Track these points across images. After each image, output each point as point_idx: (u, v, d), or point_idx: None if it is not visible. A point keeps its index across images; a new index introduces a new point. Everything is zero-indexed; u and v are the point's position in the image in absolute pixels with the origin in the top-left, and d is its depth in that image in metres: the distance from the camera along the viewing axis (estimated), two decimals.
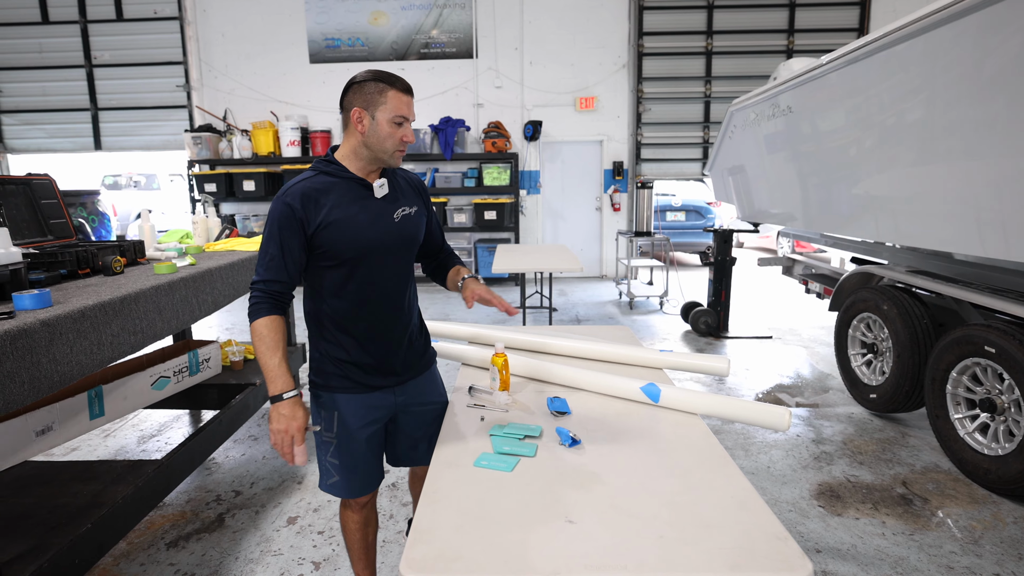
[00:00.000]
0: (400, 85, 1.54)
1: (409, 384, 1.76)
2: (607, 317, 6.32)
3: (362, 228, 1.56)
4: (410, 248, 1.70)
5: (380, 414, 1.72)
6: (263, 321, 1.52)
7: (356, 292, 1.61)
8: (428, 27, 8.18)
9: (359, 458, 1.70)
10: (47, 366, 1.67)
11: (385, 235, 1.61)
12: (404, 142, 1.56)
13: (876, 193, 3.30)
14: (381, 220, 1.60)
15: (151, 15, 8.05)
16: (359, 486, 1.74)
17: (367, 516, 1.85)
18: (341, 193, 1.56)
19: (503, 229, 8.08)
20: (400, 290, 1.69)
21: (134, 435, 3.48)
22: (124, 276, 2.41)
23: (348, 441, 1.67)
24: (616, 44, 8.24)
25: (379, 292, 1.63)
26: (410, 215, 1.67)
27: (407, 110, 1.54)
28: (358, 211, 1.57)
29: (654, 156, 8.58)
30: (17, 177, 2.58)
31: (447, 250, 1.96)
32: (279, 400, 1.50)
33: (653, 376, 2.11)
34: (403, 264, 1.68)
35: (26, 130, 8.47)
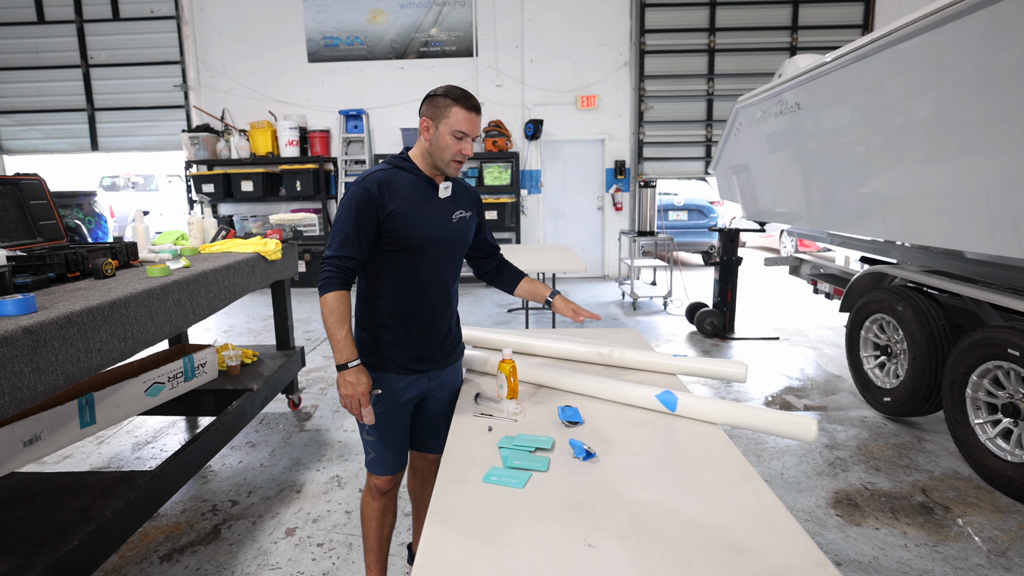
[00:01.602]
0: (465, 103, 1.66)
1: (441, 372, 1.89)
2: (611, 318, 6.23)
3: (426, 221, 1.73)
4: (462, 247, 1.87)
5: (413, 396, 1.85)
6: (334, 295, 1.66)
7: (412, 277, 1.76)
8: (428, 25, 8.09)
9: (394, 436, 1.85)
10: (30, 376, 1.58)
11: (444, 231, 1.77)
12: (462, 154, 1.69)
13: (884, 191, 3.21)
14: (442, 217, 1.77)
15: (148, 14, 7.95)
16: (392, 464, 1.87)
17: (386, 506, 1.93)
18: (412, 187, 1.73)
19: (504, 229, 7.99)
20: (449, 283, 1.84)
21: (129, 442, 3.39)
22: (115, 279, 2.31)
23: (385, 419, 1.82)
24: (618, 42, 8.15)
25: (431, 281, 1.79)
26: (465, 218, 1.84)
27: (468, 127, 1.67)
28: (424, 206, 1.73)
29: (656, 155, 8.49)
30: (5, 177, 2.49)
31: (502, 257, 2.11)
32: (344, 368, 1.65)
33: (667, 383, 2.02)
34: (455, 260, 1.86)
35: (22, 131, 8.37)
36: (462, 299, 7.29)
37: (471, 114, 1.66)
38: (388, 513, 1.95)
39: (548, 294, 2.07)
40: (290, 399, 3.78)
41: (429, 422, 1.95)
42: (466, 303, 7.04)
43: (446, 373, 1.92)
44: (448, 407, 1.91)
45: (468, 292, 7.75)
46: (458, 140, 1.67)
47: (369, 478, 1.92)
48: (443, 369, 1.90)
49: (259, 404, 3.09)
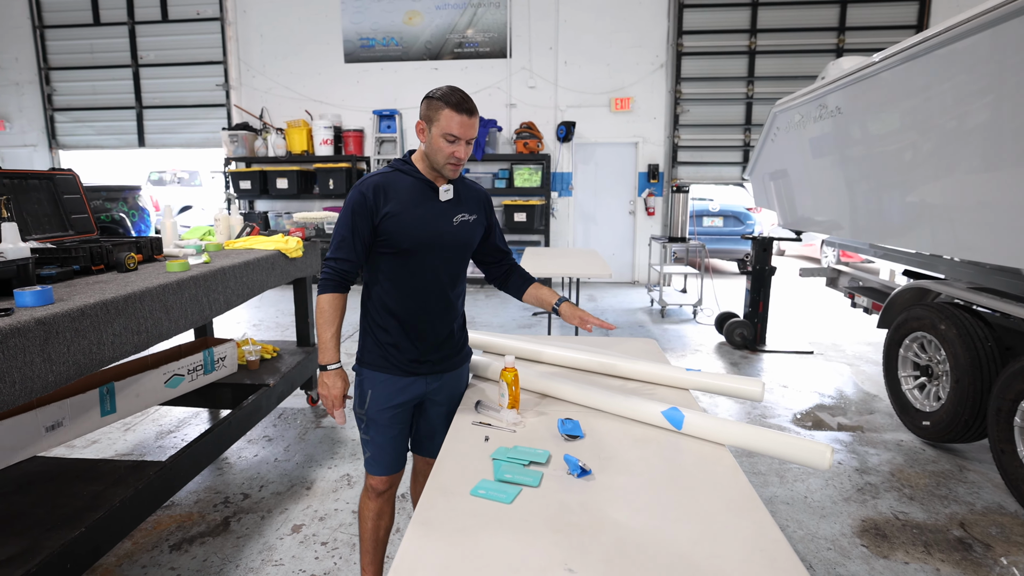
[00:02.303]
0: (457, 107, 1.62)
1: (440, 376, 1.87)
2: (637, 325, 6.12)
3: (420, 224, 1.71)
4: (463, 251, 1.84)
5: (409, 398, 1.83)
6: (326, 297, 1.73)
7: (409, 280, 1.76)
8: (462, 26, 8.11)
9: (386, 436, 1.84)
10: (41, 366, 1.62)
11: (442, 234, 1.75)
12: (455, 157, 1.67)
13: (934, 201, 3.03)
14: (440, 220, 1.75)
15: (194, 16, 8.22)
16: (386, 464, 1.86)
17: (382, 507, 1.93)
18: (410, 190, 1.73)
19: (533, 231, 7.95)
20: (448, 287, 1.81)
21: (153, 430, 3.48)
22: (137, 273, 2.36)
23: (377, 418, 1.82)
24: (654, 43, 8.01)
25: (428, 284, 1.77)
26: (468, 222, 1.81)
27: (459, 130, 1.63)
28: (420, 208, 1.72)
29: (691, 159, 8.31)
30: (40, 172, 2.58)
31: (512, 261, 2.06)
32: (324, 370, 1.73)
33: (678, 398, 1.95)
34: (455, 264, 1.82)
35: (76, 127, 8.76)
36: (488, 301, 7.28)
37: (462, 117, 1.62)
38: (384, 515, 1.94)
39: (555, 301, 2.03)
40: (309, 395, 3.83)
41: (429, 426, 1.94)
42: (492, 306, 7.03)
43: (447, 378, 1.90)
44: (449, 412, 1.89)
45: (495, 295, 7.73)
46: (450, 143, 1.64)
47: (367, 478, 1.91)
48: (443, 373, 1.88)
49: (275, 399, 3.13)
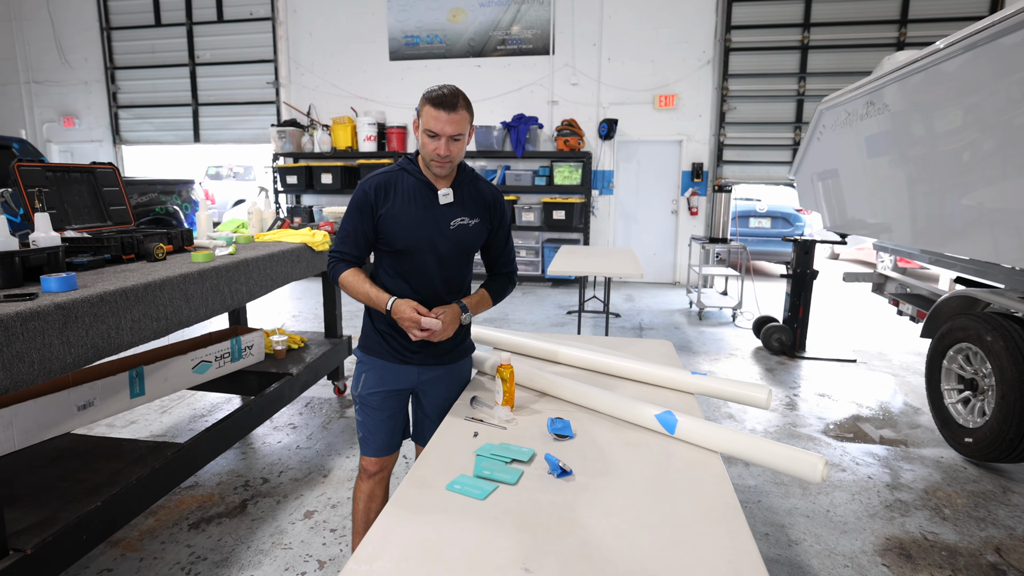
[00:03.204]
0: (435, 102, 1.62)
1: (435, 368, 1.89)
2: (672, 327, 5.98)
3: (415, 226, 1.73)
4: (460, 255, 1.82)
5: (401, 385, 1.87)
6: (345, 274, 1.79)
7: (405, 278, 1.79)
8: (506, 23, 8.12)
9: (376, 419, 1.88)
10: (59, 348, 1.72)
11: (435, 238, 1.75)
12: (437, 154, 1.66)
13: (996, 205, 2.81)
14: (436, 224, 1.75)
15: (247, 16, 8.55)
16: (375, 446, 1.91)
17: (373, 489, 1.96)
18: (410, 191, 1.75)
19: (572, 230, 7.89)
20: (442, 290, 1.81)
21: (188, 413, 3.65)
22: (164, 263, 2.48)
23: (368, 400, 1.87)
24: (701, 39, 7.80)
25: (424, 284, 1.79)
26: (467, 226, 1.79)
27: (435, 125, 1.62)
28: (417, 210, 1.74)
29: (738, 158, 8.05)
30: (81, 166, 2.73)
31: (500, 271, 1.98)
32: (389, 310, 1.71)
33: (682, 403, 1.89)
34: (451, 268, 1.81)
35: (137, 124, 9.28)
36: (524, 299, 7.27)
37: (439, 112, 1.60)
38: (376, 497, 1.96)
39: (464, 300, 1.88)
40: (335, 385, 3.92)
41: (425, 416, 1.97)
42: (527, 303, 7.02)
43: (443, 371, 1.91)
44: (446, 405, 1.90)
45: (531, 292, 7.72)
46: (431, 139, 1.64)
47: (360, 459, 1.96)
48: (437, 365, 1.89)
49: (298, 388, 3.22)
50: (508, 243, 1.96)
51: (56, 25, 9.12)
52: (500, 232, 1.91)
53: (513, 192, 8.08)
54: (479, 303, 1.88)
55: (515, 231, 8.10)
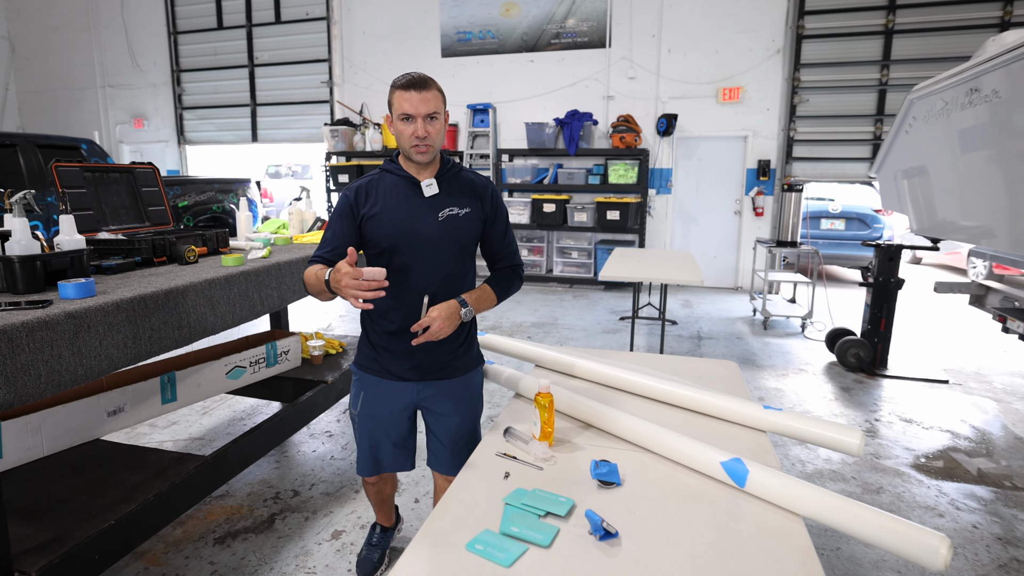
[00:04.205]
0: (403, 84, 1.59)
1: (435, 384, 1.78)
2: (734, 337, 5.58)
3: (400, 221, 1.67)
4: (452, 247, 1.71)
5: (399, 404, 1.79)
6: (310, 269, 1.67)
7: (397, 281, 1.67)
8: (560, 16, 7.85)
9: (372, 439, 1.83)
10: (69, 360, 1.61)
11: (422, 230, 1.67)
12: (416, 137, 1.60)
13: None
14: (423, 217, 1.68)
15: (303, 16, 8.65)
16: (368, 465, 1.87)
17: (380, 487, 2.06)
18: (392, 189, 1.70)
19: (627, 231, 7.55)
20: (438, 286, 1.70)
21: (227, 415, 3.60)
22: (194, 266, 2.38)
23: (365, 420, 1.82)
24: (770, 27, 7.29)
25: (415, 284, 1.69)
26: (457, 215, 1.70)
27: (408, 106, 1.57)
28: (400, 206, 1.68)
29: (809, 154, 7.49)
30: (120, 166, 2.68)
31: (504, 264, 1.86)
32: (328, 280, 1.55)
33: (752, 442, 1.61)
34: (444, 261, 1.70)
35: (200, 124, 9.58)
36: (575, 303, 7.00)
37: (409, 92, 1.56)
38: (384, 490, 2.08)
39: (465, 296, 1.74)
40: None
41: (432, 438, 1.86)
42: (578, 307, 6.75)
43: (446, 386, 1.80)
44: (460, 424, 1.82)
45: (582, 295, 7.44)
46: (407, 123, 1.59)
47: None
48: (437, 381, 1.78)
49: (333, 397, 3.09)
50: (508, 234, 1.84)
51: (129, 31, 9.52)
52: (497, 222, 1.80)
53: (565, 191, 7.82)
54: (480, 298, 1.74)
55: (566, 231, 7.84)
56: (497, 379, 2.10)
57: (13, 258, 1.76)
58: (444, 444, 1.82)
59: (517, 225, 7.97)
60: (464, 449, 1.79)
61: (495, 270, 1.86)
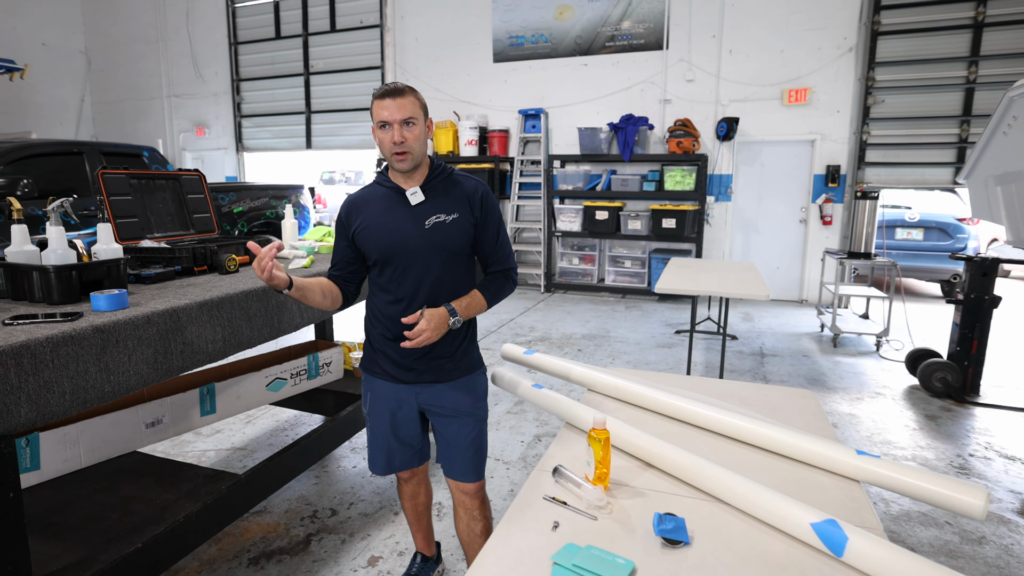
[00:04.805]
0: (379, 94, 1.62)
1: (433, 387, 1.78)
2: (800, 354, 5.20)
3: (386, 232, 1.69)
4: (443, 253, 1.71)
5: (401, 406, 1.81)
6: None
7: (389, 289, 1.74)
8: (615, 18, 7.62)
9: (380, 438, 1.86)
10: (96, 376, 1.53)
11: (409, 239, 1.68)
12: (394, 143, 1.61)
13: None
14: (408, 226, 1.68)
15: (358, 24, 8.75)
16: (380, 464, 1.88)
17: (414, 490, 2.00)
18: (380, 201, 1.73)
19: (683, 239, 7.22)
20: (429, 293, 1.71)
21: (270, 424, 3.56)
22: (234, 276, 2.31)
23: (374, 420, 1.86)
24: (841, 24, 6.84)
25: (406, 291, 1.71)
26: (444, 222, 1.69)
27: (385, 113, 1.60)
28: (386, 217, 1.70)
29: (884, 159, 6.98)
30: (166, 173, 2.66)
31: (496, 268, 1.83)
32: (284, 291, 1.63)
33: (844, 494, 1.37)
34: (434, 268, 1.71)
35: (257, 132, 9.83)
36: (627, 314, 6.74)
37: (384, 99, 1.60)
38: (418, 495, 2.01)
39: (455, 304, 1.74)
40: None
41: (441, 437, 1.84)
42: (631, 319, 6.48)
43: (444, 390, 1.78)
44: (455, 429, 1.81)
45: (635, 306, 7.16)
46: (384, 131, 1.62)
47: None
48: (434, 384, 1.78)
49: None
50: (500, 238, 1.80)
51: (193, 43, 9.89)
52: (488, 226, 1.77)
53: (619, 198, 7.56)
54: (470, 305, 1.73)
55: (619, 240, 7.58)
56: (545, 405, 1.92)
57: (49, 268, 1.71)
58: (446, 447, 1.83)
59: (568, 233, 7.77)
60: (468, 453, 1.81)
61: (487, 274, 1.84)
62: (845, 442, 3.43)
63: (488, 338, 5.62)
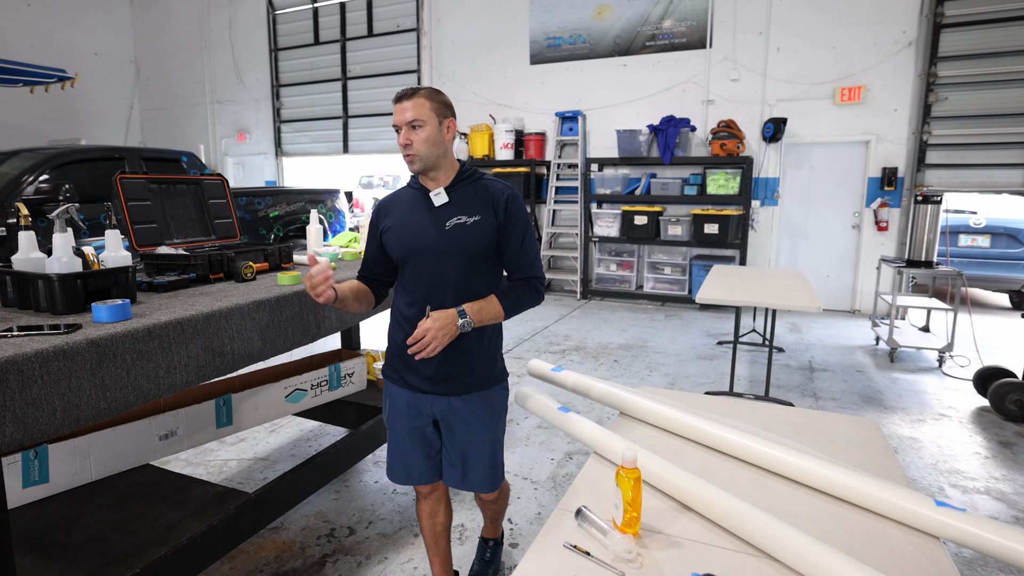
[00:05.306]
0: (394, 99, 1.66)
1: (447, 399, 1.74)
2: (854, 369, 4.86)
3: (408, 233, 1.71)
4: (461, 256, 1.68)
5: (418, 413, 1.78)
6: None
7: (409, 290, 1.74)
8: (656, 17, 7.38)
9: (399, 446, 1.83)
10: (90, 392, 1.44)
11: (429, 240, 1.68)
12: (401, 146, 1.65)
13: None
14: (430, 227, 1.69)
15: (394, 28, 8.76)
16: (399, 472, 1.85)
17: (433, 508, 1.91)
18: (407, 202, 1.75)
19: (726, 245, 6.92)
20: (445, 295, 1.68)
21: (295, 434, 3.49)
22: (250, 284, 2.22)
23: (391, 426, 1.85)
24: (899, 17, 6.43)
25: (424, 294, 1.70)
26: (465, 224, 1.67)
27: (395, 117, 1.65)
28: (410, 218, 1.72)
29: (946, 160, 6.52)
30: (188, 177, 2.60)
31: (518, 275, 1.77)
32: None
33: (919, 551, 1.16)
34: (450, 271, 1.69)
35: (296, 136, 9.96)
36: (667, 323, 6.48)
37: (396, 104, 1.65)
38: (437, 513, 1.92)
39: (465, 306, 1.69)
40: None
41: (447, 450, 1.80)
42: (671, 328, 6.22)
43: (459, 402, 1.73)
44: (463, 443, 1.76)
45: (675, 315, 6.89)
46: (398, 134, 1.66)
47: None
48: (448, 396, 1.73)
49: None
50: (525, 244, 1.74)
51: (235, 50, 10.10)
52: (512, 231, 1.71)
53: (658, 203, 7.31)
54: (483, 309, 1.65)
55: (659, 245, 7.32)
56: (571, 431, 1.75)
57: (52, 276, 1.64)
58: (455, 463, 1.78)
59: (605, 238, 7.55)
60: (478, 468, 1.78)
61: (510, 281, 1.79)
62: (907, 469, 3.13)
63: (520, 347, 5.47)
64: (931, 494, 2.89)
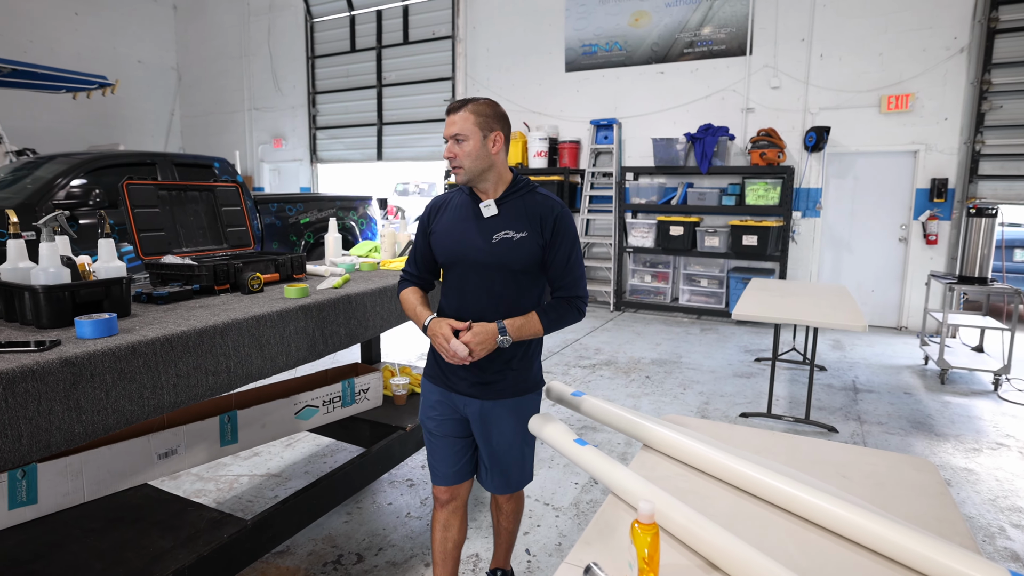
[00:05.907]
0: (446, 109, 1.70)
1: (478, 403, 1.77)
2: (901, 391, 4.53)
3: (454, 240, 1.74)
4: (503, 270, 1.70)
5: (452, 413, 1.82)
6: (404, 292, 1.87)
7: (451, 295, 1.79)
8: (695, 24, 7.16)
9: (434, 445, 1.86)
10: (63, 416, 1.35)
11: (475, 251, 1.71)
12: (446, 158, 1.68)
13: None
14: (476, 237, 1.71)
15: (430, 36, 8.75)
16: (438, 472, 1.86)
17: (448, 519, 1.88)
18: (459, 207, 1.77)
19: (765, 258, 6.62)
20: (486, 306, 1.72)
21: (310, 449, 3.40)
22: (257, 296, 2.13)
23: (427, 424, 1.87)
24: (950, 22, 6.06)
25: (464, 301, 1.75)
26: (511, 239, 1.69)
27: (446, 130, 1.68)
28: (458, 225, 1.75)
29: (1001, 171, 6.11)
30: (201, 184, 2.54)
31: (561, 294, 1.77)
32: (425, 328, 1.73)
33: None
34: (494, 284, 1.72)
35: (331, 143, 10.06)
36: (703, 337, 6.21)
37: (446, 118, 1.68)
38: (451, 527, 1.88)
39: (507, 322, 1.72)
40: None
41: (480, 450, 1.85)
42: (706, 343, 5.96)
43: (491, 406, 1.76)
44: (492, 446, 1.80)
45: (711, 329, 6.61)
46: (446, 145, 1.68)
47: (432, 487, 1.94)
48: (477, 399, 1.76)
49: (412, 446, 2.73)
50: (571, 262, 1.73)
51: (273, 57, 10.27)
52: (559, 249, 1.71)
53: (695, 213, 7.06)
54: (523, 326, 1.68)
55: (695, 257, 7.06)
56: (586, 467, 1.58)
57: (37, 288, 1.56)
58: (489, 464, 1.83)
59: (640, 249, 7.33)
60: (507, 472, 1.83)
61: (553, 297, 1.79)
62: (962, 505, 2.85)
63: (550, 360, 5.30)
64: (990, 534, 2.62)
